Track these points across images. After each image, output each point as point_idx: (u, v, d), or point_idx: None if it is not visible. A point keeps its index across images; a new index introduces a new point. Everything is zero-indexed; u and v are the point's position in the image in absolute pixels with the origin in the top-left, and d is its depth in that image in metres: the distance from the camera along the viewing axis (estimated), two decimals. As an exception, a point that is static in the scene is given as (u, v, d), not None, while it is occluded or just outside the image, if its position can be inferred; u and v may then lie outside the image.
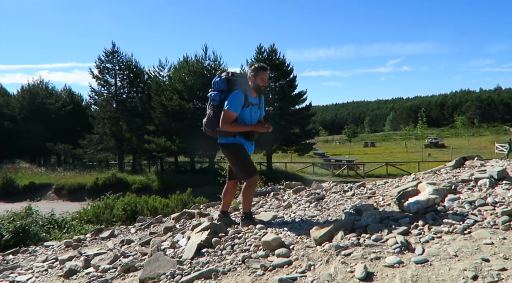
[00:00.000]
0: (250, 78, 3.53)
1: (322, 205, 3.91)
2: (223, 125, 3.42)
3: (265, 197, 5.35)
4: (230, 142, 3.54)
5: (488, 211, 2.37)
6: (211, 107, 3.58)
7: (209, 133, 3.68)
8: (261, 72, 3.51)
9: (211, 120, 3.56)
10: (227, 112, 3.41)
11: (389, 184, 4.37)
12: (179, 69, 28.09)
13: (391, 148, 48.24)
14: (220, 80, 3.54)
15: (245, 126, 3.53)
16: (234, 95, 3.43)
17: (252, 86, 3.54)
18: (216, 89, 3.57)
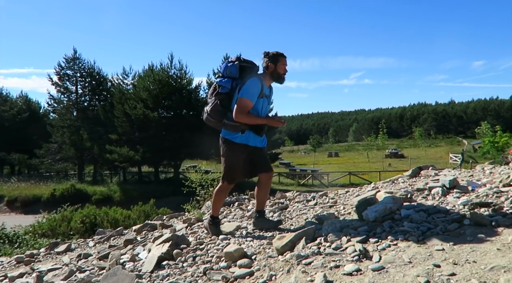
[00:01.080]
0: (269, 66, 3.24)
1: (285, 214, 3.94)
2: (238, 115, 3.09)
3: (230, 207, 5.32)
4: (236, 141, 3.22)
5: (441, 218, 2.49)
6: (217, 95, 3.25)
7: (211, 124, 3.36)
8: (281, 58, 3.25)
9: (218, 110, 3.24)
10: (244, 101, 3.08)
11: (350, 193, 4.48)
12: (144, 78, 27.59)
13: (354, 158, 49.65)
14: (233, 65, 3.21)
15: (260, 118, 3.23)
16: (251, 83, 3.12)
17: (272, 75, 3.27)
18: (227, 75, 3.24)
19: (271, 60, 3.22)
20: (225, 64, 3.25)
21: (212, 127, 3.41)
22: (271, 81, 3.32)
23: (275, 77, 3.28)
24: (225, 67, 3.24)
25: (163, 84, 26.40)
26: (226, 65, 3.24)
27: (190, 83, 28.37)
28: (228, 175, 3.32)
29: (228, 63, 3.25)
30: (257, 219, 3.53)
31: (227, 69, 3.22)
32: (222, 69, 3.27)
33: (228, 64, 3.24)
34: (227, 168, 3.30)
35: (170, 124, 26.21)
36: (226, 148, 3.28)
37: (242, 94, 3.09)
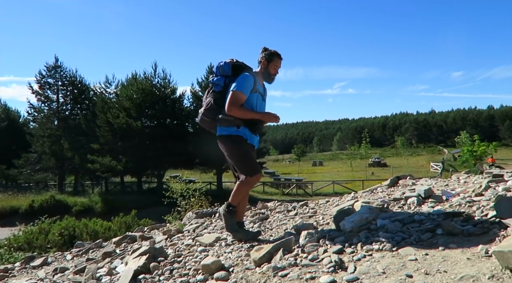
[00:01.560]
0: (262, 62, 3.25)
1: (265, 225, 3.93)
2: (230, 108, 3.03)
3: (211, 218, 5.28)
4: (233, 133, 3.14)
5: (415, 228, 2.53)
6: (211, 94, 3.23)
7: (206, 125, 3.31)
8: (276, 58, 3.25)
9: (212, 108, 3.18)
10: (236, 94, 3.03)
11: (331, 203, 4.51)
12: (127, 86, 27.37)
13: (338, 167, 50.10)
14: (225, 64, 3.21)
15: (254, 113, 3.16)
16: (243, 76, 3.10)
17: (262, 73, 3.26)
18: (219, 74, 3.23)
19: (266, 57, 3.23)
20: (218, 64, 3.25)
21: (207, 129, 3.35)
22: (262, 79, 3.30)
23: (265, 75, 3.27)
24: (218, 66, 3.24)
25: (147, 93, 26.24)
26: (219, 64, 3.24)
27: (174, 92, 28.28)
28: (249, 166, 3.14)
29: (220, 62, 3.25)
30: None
31: (220, 68, 3.22)
32: (215, 68, 3.26)
33: (220, 63, 3.24)
34: (242, 160, 3.16)
35: (153, 134, 25.98)
36: (229, 143, 3.17)
37: (234, 87, 3.05)
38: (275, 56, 3.23)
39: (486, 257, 1.94)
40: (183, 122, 28.60)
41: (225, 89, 3.17)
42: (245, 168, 3.14)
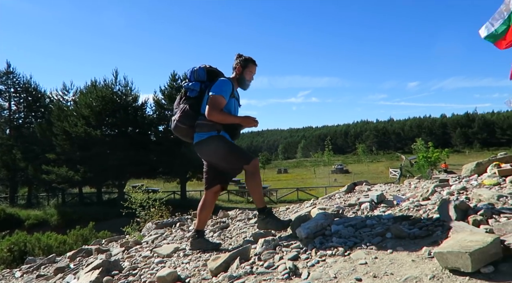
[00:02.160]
0: (237, 68, 3.20)
1: (225, 234, 3.92)
2: (211, 112, 2.94)
3: (171, 228, 5.19)
4: (214, 134, 3.05)
5: (366, 232, 2.62)
6: (185, 101, 3.14)
7: (181, 133, 3.19)
8: (251, 64, 3.23)
9: (188, 114, 3.08)
10: (217, 98, 2.96)
11: (290, 210, 4.58)
12: (86, 94, 26.44)
13: (302, 174, 50.90)
14: (200, 69, 3.16)
15: (234, 117, 3.12)
16: (222, 81, 3.06)
17: (238, 78, 3.21)
18: (194, 79, 3.16)
19: (241, 63, 3.20)
20: (192, 69, 3.19)
21: (181, 137, 3.26)
22: (237, 85, 3.26)
23: (240, 81, 3.23)
24: (192, 71, 3.18)
25: (107, 100, 25.47)
26: (193, 69, 3.18)
27: (136, 100, 27.65)
28: (242, 156, 3.07)
29: (194, 67, 3.19)
30: (195, 240, 3.35)
31: (194, 73, 3.16)
32: (189, 73, 3.19)
33: (195, 68, 3.18)
34: (234, 153, 3.06)
35: (114, 142, 25.18)
36: (216, 143, 3.05)
37: (213, 91, 2.98)
38: (250, 62, 3.22)
39: (429, 259, 2.04)
40: (145, 131, 27.97)
41: (200, 95, 3.11)
42: (240, 159, 3.06)
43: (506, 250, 1.83)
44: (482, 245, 1.79)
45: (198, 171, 27.99)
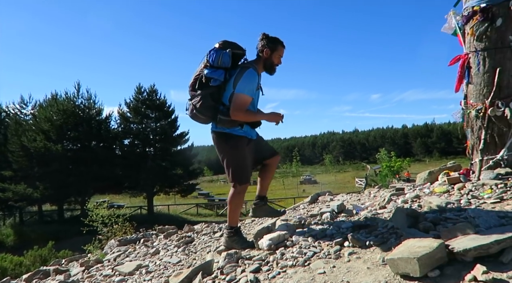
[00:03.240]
0: (265, 51, 2.90)
1: (190, 248, 3.88)
2: (236, 113, 2.77)
3: (135, 245, 5.06)
4: (235, 133, 2.90)
5: (326, 242, 2.69)
6: (206, 89, 2.84)
7: (200, 121, 2.98)
8: (280, 47, 2.94)
9: (209, 105, 2.83)
10: (243, 98, 2.77)
11: (256, 222, 4.60)
12: (46, 108, 25.44)
13: (271, 185, 50.46)
14: (226, 54, 2.79)
15: (259, 115, 2.95)
16: (249, 75, 2.81)
17: (264, 62, 2.94)
18: (218, 65, 2.80)
19: (269, 45, 2.91)
20: (217, 53, 2.82)
21: (198, 122, 3.03)
22: (262, 69, 3.00)
23: (267, 66, 2.97)
24: (217, 56, 2.81)
25: (69, 114, 24.62)
26: (218, 53, 2.81)
27: (99, 113, 26.91)
28: (241, 174, 2.94)
29: (218, 51, 2.83)
30: (260, 207, 3.40)
31: (219, 58, 2.80)
32: (214, 58, 2.81)
33: (219, 52, 2.82)
34: (236, 167, 2.94)
35: (76, 157, 24.28)
36: (229, 146, 2.94)
37: (240, 89, 2.78)
38: (279, 44, 2.95)
39: (383, 265, 2.14)
40: (110, 145, 27.20)
41: (224, 84, 2.86)
42: (237, 176, 2.94)
43: (451, 254, 1.95)
44: (429, 250, 1.90)
45: (165, 185, 27.50)
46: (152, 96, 27.57)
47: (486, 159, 3.68)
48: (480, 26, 3.73)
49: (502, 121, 3.66)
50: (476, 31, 3.77)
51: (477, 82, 3.85)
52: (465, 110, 3.97)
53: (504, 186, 3.09)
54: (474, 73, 3.86)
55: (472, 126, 3.92)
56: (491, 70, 3.73)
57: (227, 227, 3.14)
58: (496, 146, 3.70)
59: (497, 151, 3.69)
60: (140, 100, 27.07)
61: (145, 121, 27.73)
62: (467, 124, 4.00)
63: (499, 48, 3.68)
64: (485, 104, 3.71)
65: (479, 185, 3.25)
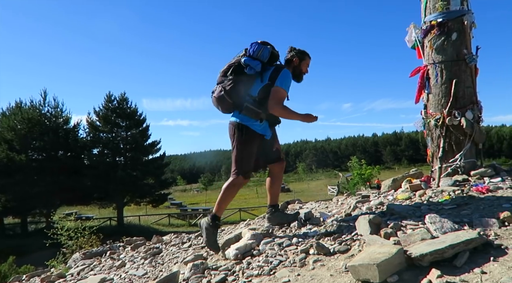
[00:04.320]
0: (294, 60, 3.13)
1: (157, 260, 3.80)
2: (275, 106, 2.90)
3: (100, 257, 4.90)
4: (255, 130, 3.00)
5: (292, 250, 2.71)
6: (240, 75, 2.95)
7: (223, 105, 3.04)
8: (307, 58, 3.19)
9: (238, 91, 2.95)
10: (283, 92, 2.92)
11: (225, 232, 4.57)
12: (9, 116, 24.37)
13: (245, 194, 50.88)
14: (266, 49, 2.97)
15: (296, 114, 3.00)
16: (286, 72, 2.98)
17: (294, 70, 3.14)
18: (257, 57, 2.94)
19: (298, 55, 3.15)
20: (259, 45, 2.98)
21: (218, 107, 3.11)
22: None
23: (296, 73, 3.17)
24: (258, 48, 2.97)
25: (34, 123, 23.70)
26: (260, 46, 2.98)
27: (67, 122, 26.07)
28: (244, 167, 3.06)
29: (260, 44, 2.99)
30: (272, 215, 3.41)
31: (260, 51, 2.96)
32: (255, 49, 2.96)
33: (261, 46, 2.98)
34: (243, 159, 3.05)
35: (42, 168, 23.34)
36: (245, 137, 3.01)
37: (280, 83, 2.91)
38: (306, 55, 3.19)
39: (345, 272, 2.17)
40: (78, 154, 26.33)
41: (259, 76, 2.99)
42: (242, 167, 3.05)
43: (409, 259, 2.01)
44: (388, 256, 1.96)
45: (136, 195, 26.84)
46: (123, 105, 27.03)
47: (445, 167, 3.85)
48: (437, 39, 3.94)
49: (459, 130, 3.85)
50: (434, 44, 3.97)
51: (435, 92, 4.04)
52: (425, 119, 4.15)
53: (461, 192, 3.23)
54: (433, 84, 4.05)
55: (432, 134, 4.10)
56: (448, 81, 3.92)
57: (211, 215, 3.19)
58: (454, 154, 3.88)
59: (455, 159, 3.86)
60: (110, 108, 26.46)
61: (115, 130, 27.09)
62: (427, 132, 4.17)
63: (455, 60, 3.90)
64: (443, 113, 3.89)
65: (438, 192, 3.38)
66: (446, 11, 3.91)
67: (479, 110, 3.94)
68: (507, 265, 1.83)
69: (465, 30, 3.91)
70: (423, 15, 4.19)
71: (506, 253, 1.96)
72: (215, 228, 3.16)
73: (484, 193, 3.15)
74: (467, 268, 1.88)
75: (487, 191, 3.17)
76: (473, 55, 3.92)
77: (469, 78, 3.93)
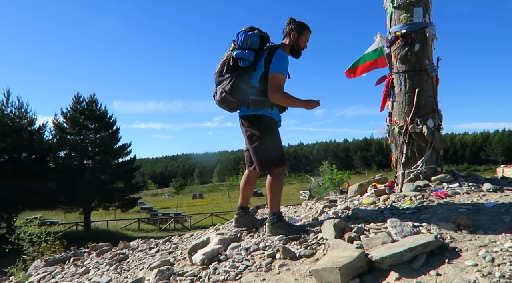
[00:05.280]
0: (292, 35, 2.94)
1: (122, 266, 3.71)
2: (275, 94, 2.74)
3: (63, 264, 4.73)
4: (267, 114, 2.85)
5: (259, 255, 2.72)
6: (236, 70, 2.81)
7: (229, 105, 2.91)
8: (307, 31, 2.98)
9: (240, 87, 2.79)
10: (280, 77, 2.74)
11: (194, 237, 4.53)
12: (-31, 116, 23.11)
13: (217, 198, 50.62)
14: (254, 35, 2.79)
15: (298, 100, 2.84)
16: (281, 54, 2.79)
17: (291, 45, 2.97)
18: (247, 46, 2.78)
19: (296, 28, 2.95)
20: (245, 33, 2.82)
21: (226, 108, 2.97)
22: (288, 53, 3.00)
23: (294, 49, 3.00)
24: (246, 36, 2.80)
25: (-5, 123, 22.57)
26: (247, 34, 2.81)
27: (32, 123, 25.00)
28: (279, 155, 2.89)
29: (246, 32, 2.83)
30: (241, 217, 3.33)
31: (248, 39, 2.79)
32: (242, 39, 2.80)
33: (247, 33, 2.81)
34: (272, 147, 2.87)
35: (3, 170, 22.22)
36: (264, 127, 2.86)
37: (275, 69, 2.75)
38: (305, 28, 2.99)
39: (310, 276, 2.21)
40: (43, 157, 25.27)
41: (253, 65, 2.83)
42: (273, 158, 2.87)
43: (370, 262, 2.08)
44: (350, 259, 2.01)
45: (105, 199, 26.06)
46: (92, 106, 26.25)
47: (408, 172, 4.00)
48: (401, 50, 4.10)
49: (421, 137, 4.02)
50: (398, 54, 4.13)
51: (399, 101, 4.19)
52: (390, 127, 4.30)
53: (422, 197, 3.37)
54: (397, 93, 4.21)
55: (396, 141, 4.25)
56: (411, 90, 4.09)
57: (270, 214, 3.01)
58: (416, 160, 4.04)
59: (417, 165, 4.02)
60: (79, 110, 25.63)
61: (84, 132, 26.24)
62: (392, 139, 4.33)
63: (418, 70, 4.07)
64: (406, 121, 4.05)
65: (401, 197, 3.51)
66: (409, 22, 4.08)
67: (440, 118, 4.13)
68: (460, 267, 1.92)
69: (427, 41, 4.09)
70: (388, 25, 4.36)
71: (460, 256, 2.06)
72: (281, 219, 2.98)
73: (443, 198, 3.30)
74: (424, 271, 1.96)
75: (446, 196, 3.32)
76: (434, 66, 4.11)
77: (430, 88, 4.12)
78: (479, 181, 3.90)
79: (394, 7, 4.22)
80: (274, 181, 2.93)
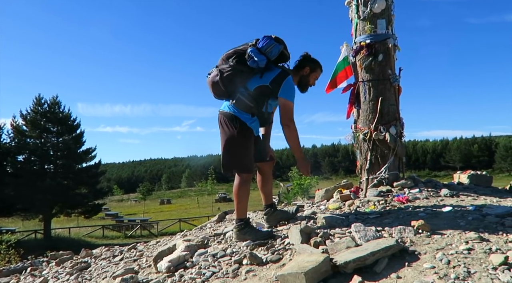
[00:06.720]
0: (305, 69, 2.99)
1: (84, 275, 3.58)
2: (290, 123, 2.77)
3: (19, 275, 4.49)
4: (245, 121, 2.83)
5: (226, 261, 2.71)
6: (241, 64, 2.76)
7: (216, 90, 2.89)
8: (319, 70, 3.04)
9: (234, 80, 2.77)
10: (292, 106, 2.76)
11: (160, 243, 4.44)
12: None
13: (186, 204, 49.93)
14: (277, 47, 2.76)
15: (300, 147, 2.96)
16: (291, 84, 2.79)
17: (301, 79, 3.00)
18: (264, 52, 2.73)
19: (310, 64, 3.01)
20: (270, 41, 2.76)
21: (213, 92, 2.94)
22: (296, 83, 3.02)
23: (302, 83, 3.04)
24: (269, 43, 2.75)
25: None
26: (271, 42, 2.76)
27: (-12, 125, 23.70)
28: (241, 163, 2.90)
29: (272, 40, 2.77)
30: (271, 215, 3.27)
31: (270, 47, 2.75)
32: (264, 43, 2.75)
33: (272, 42, 2.76)
34: (239, 155, 2.89)
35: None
36: (237, 131, 2.84)
37: (288, 96, 2.76)
38: (318, 67, 3.05)
39: (276, 282, 2.22)
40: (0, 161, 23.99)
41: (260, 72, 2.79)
42: (239, 163, 2.91)
43: (335, 267, 2.12)
44: (315, 264, 2.04)
45: (67, 205, 25.03)
46: (54, 109, 25.25)
47: (372, 178, 4.13)
48: (366, 59, 4.25)
49: (384, 144, 4.17)
50: (363, 64, 4.28)
51: (364, 108, 4.34)
52: (355, 133, 4.44)
53: (385, 202, 3.49)
54: (362, 101, 4.36)
55: (361, 148, 4.39)
56: (375, 98, 4.25)
57: (236, 220, 3.02)
58: (379, 166, 4.19)
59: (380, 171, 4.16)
60: (40, 112, 24.57)
61: (45, 135, 25.16)
62: (357, 146, 4.46)
63: (381, 80, 4.24)
64: (371, 128, 4.20)
65: (365, 202, 3.61)
66: (373, 33, 4.24)
67: (402, 126, 4.31)
68: (419, 270, 2.00)
69: (389, 52, 4.27)
70: (354, 35, 4.51)
71: (419, 259, 2.15)
72: (248, 225, 3.01)
73: (404, 203, 3.43)
74: (386, 274, 2.02)
75: (407, 201, 3.46)
76: (396, 75, 4.29)
77: (393, 97, 4.29)
78: (438, 187, 4.09)
79: (359, 18, 4.38)
80: (240, 187, 2.96)
